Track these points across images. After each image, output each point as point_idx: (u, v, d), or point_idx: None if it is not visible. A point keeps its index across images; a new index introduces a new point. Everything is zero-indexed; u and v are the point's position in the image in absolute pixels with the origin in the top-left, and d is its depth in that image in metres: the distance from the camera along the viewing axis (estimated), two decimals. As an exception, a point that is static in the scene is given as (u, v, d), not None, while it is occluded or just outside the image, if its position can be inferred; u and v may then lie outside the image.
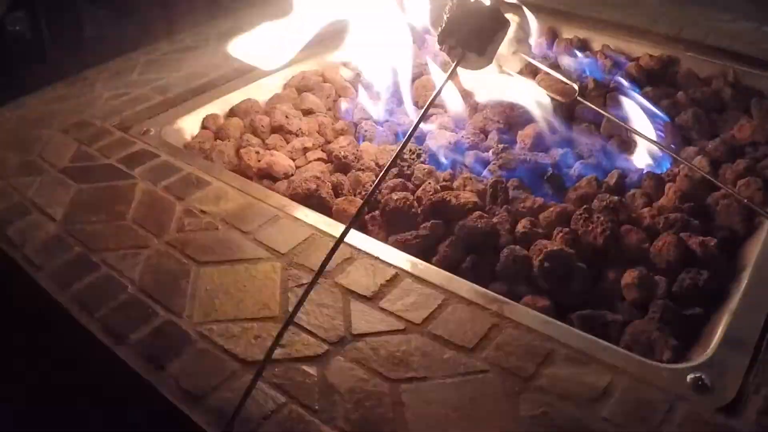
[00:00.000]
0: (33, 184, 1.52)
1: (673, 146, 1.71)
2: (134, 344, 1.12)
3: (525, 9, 2.01)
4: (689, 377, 1.04)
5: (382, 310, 1.16)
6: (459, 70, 1.44)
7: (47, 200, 1.47)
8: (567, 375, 1.05)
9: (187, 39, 2.24)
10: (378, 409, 1.00)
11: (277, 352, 1.08)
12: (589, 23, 2.30)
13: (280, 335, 1.05)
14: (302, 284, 1.21)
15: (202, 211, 1.41)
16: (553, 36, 2.29)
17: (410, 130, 1.28)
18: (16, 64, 2.88)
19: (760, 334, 1.12)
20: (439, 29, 1.40)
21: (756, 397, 1.02)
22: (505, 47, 1.47)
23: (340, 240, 1.14)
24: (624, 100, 1.82)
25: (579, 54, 2.12)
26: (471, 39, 1.37)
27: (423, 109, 1.32)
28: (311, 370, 1.06)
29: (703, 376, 1.04)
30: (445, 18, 1.41)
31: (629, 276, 1.28)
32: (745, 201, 1.41)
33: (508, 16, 1.45)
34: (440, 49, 1.44)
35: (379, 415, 1.00)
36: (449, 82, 1.40)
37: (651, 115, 1.80)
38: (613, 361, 1.07)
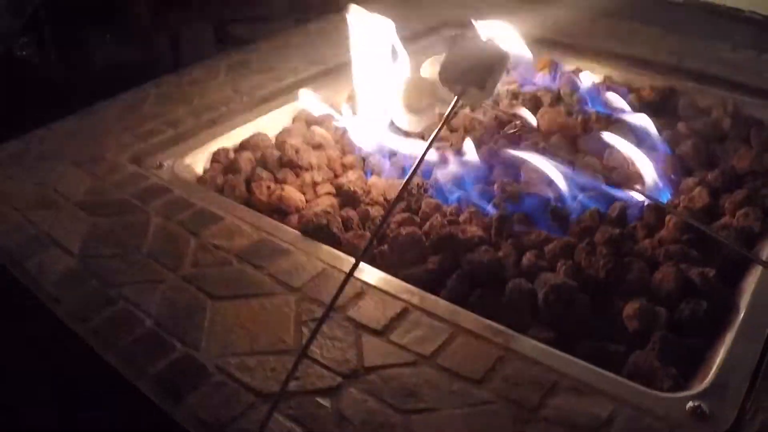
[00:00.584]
0: (49, 217, 1.55)
1: (674, 177, 1.74)
2: (153, 376, 1.15)
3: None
4: (688, 405, 1.07)
5: (393, 343, 1.19)
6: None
7: (64, 234, 1.49)
8: (571, 405, 1.07)
9: (195, 71, 2.27)
10: (390, 440, 1.03)
11: (292, 385, 1.11)
12: (592, 55, 2.33)
13: (294, 368, 1.09)
14: (315, 318, 1.24)
15: (216, 246, 1.43)
16: (555, 68, 2.31)
17: (415, 164, 1.32)
18: (25, 90, 2.92)
19: (757, 363, 1.15)
20: (442, 66, 1.45)
21: (753, 423, 1.05)
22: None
23: (349, 275, 1.18)
24: (625, 132, 1.86)
25: (581, 85, 2.15)
26: (471, 75, 1.42)
27: (428, 143, 1.36)
28: (325, 402, 1.09)
29: (701, 405, 1.07)
30: (446, 56, 1.45)
31: (630, 307, 1.30)
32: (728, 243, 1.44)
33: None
34: (443, 86, 1.48)
35: (392, 446, 1.03)
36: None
37: (652, 147, 1.84)
38: (615, 391, 1.10)
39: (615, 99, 2.07)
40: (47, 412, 1.51)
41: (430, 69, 1.70)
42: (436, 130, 1.37)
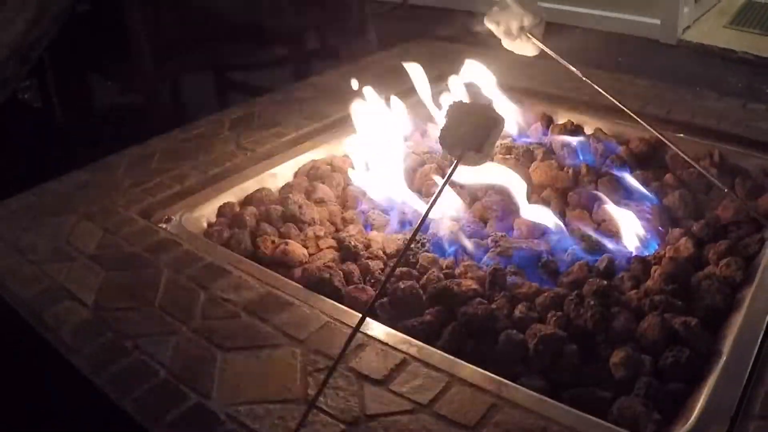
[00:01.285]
0: (63, 269, 1.60)
1: (660, 229, 1.81)
2: (169, 424, 1.20)
3: None
4: (670, 449, 1.13)
5: (393, 392, 1.25)
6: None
7: (78, 286, 1.55)
8: (559, 450, 1.14)
9: (201, 126, 2.33)
10: (391, 484, 1.09)
11: (299, 432, 1.17)
12: (583, 107, 2.39)
13: (304, 417, 1.16)
14: (320, 369, 1.30)
15: (225, 299, 1.49)
16: (548, 121, 2.38)
17: (416, 227, 1.39)
18: (28, 134, 2.97)
19: (737, 406, 1.20)
20: (441, 131, 1.51)
21: None
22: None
23: (356, 330, 1.25)
24: (614, 184, 1.93)
25: (573, 139, 2.21)
26: (468, 138, 1.49)
27: (430, 204, 1.42)
28: (330, 448, 1.15)
29: (683, 449, 1.13)
30: (444, 120, 1.52)
31: (617, 356, 1.36)
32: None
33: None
34: (442, 150, 1.55)
35: (394, 490, 1.09)
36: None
37: (640, 198, 1.90)
38: (601, 436, 1.16)
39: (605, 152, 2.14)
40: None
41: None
42: (438, 191, 1.43)
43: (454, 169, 1.47)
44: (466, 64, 2.31)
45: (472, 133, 1.48)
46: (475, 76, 2.30)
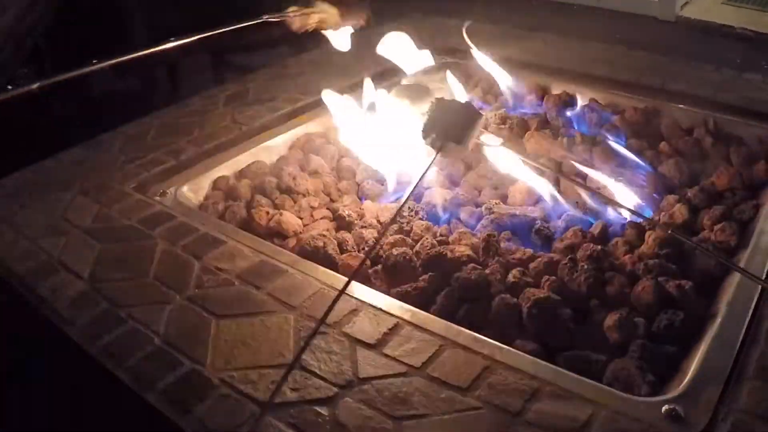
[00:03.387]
0: (59, 244, 1.60)
1: (655, 196, 1.81)
2: (162, 390, 1.21)
3: None
4: (664, 408, 1.13)
5: (386, 355, 1.25)
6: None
7: (74, 259, 1.55)
8: (551, 409, 1.14)
9: (195, 102, 2.33)
10: (383, 444, 1.10)
11: (291, 395, 1.17)
12: (578, 79, 2.39)
13: (286, 375, 1.17)
14: (311, 332, 1.31)
15: (219, 269, 1.49)
16: (543, 92, 2.38)
17: (407, 194, 1.39)
18: (25, 120, 2.96)
19: (731, 369, 1.20)
20: (423, 125, 1.53)
21: (724, 424, 1.10)
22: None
23: (341, 292, 1.25)
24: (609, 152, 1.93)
25: (568, 109, 2.22)
26: (449, 131, 1.50)
27: (418, 179, 1.43)
28: (323, 410, 1.15)
29: (677, 408, 1.13)
30: (426, 115, 1.54)
31: (611, 319, 1.37)
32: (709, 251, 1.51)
33: None
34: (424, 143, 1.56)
35: (385, 449, 1.09)
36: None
37: (635, 166, 1.90)
38: (594, 396, 1.16)
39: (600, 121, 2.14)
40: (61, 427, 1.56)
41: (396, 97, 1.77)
42: (422, 173, 1.45)
43: (434, 160, 1.48)
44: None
45: (452, 127, 1.50)
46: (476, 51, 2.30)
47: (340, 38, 1.99)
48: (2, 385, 1.64)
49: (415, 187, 1.47)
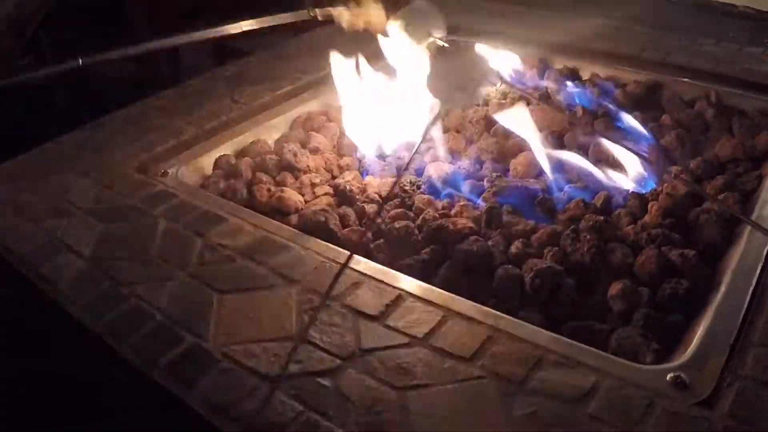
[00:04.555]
0: (61, 225, 1.60)
1: (659, 165, 1.80)
2: (165, 366, 1.21)
3: None
4: (669, 376, 1.13)
5: (388, 327, 1.25)
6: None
7: (76, 240, 1.54)
8: (555, 378, 1.14)
9: (195, 83, 2.33)
10: (386, 413, 1.09)
11: (294, 368, 1.18)
12: (580, 54, 2.40)
13: (293, 351, 1.16)
14: (315, 307, 1.30)
15: (221, 245, 1.49)
16: (544, 66, 2.38)
17: (407, 161, 1.39)
18: (28, 107, 2.96)
19: (735, 336, 1.20)
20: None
21: (729, 391, 1.10)
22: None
23: (344, 266, 1.25)
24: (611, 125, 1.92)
25: (569, 83, 2.22)
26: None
27: (418, 143, 1.43)
28: (326, 381, 1.15)
29: (682, 375, 1.13)
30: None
31: (614, 288, 1.37)
32: (726, 208, 1.51)
33: None
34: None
35: (388, 418, 1.09)
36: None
37: (638, 138, 1.90)
38: (598, 365, 1.16)
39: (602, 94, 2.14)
40: (64, 406, 1.56)
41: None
42: (424, 132, 1.45)
43: (437, 115, 1.49)
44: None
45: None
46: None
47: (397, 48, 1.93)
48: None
49: (417, 148, 1.46)
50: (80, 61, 1.59)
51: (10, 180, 1.80)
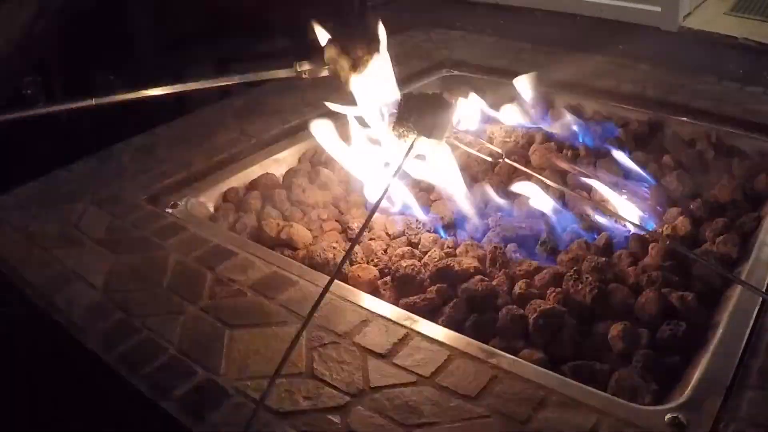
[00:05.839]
0: (73, 254, 1.62)
1: (658, 208, 1.83)
2: (178, 399, 1.23)
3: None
4: (667, 417, 1.16)
5: (396, 365, 1.28)
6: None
7: (87, 270, 1.57)
8: (558, 418, 1.16)
9: (204, 114, 2.36)
10: (394, 451, 1.13)
11: (305, 404, 1.20)
12: (583, 91, 2.42)
13: (282, 363, 1.19)
14: (324, 344, 1.33)
15: (231, 280, 1.52)
16: (548, 104, 2.41)
17: (383, 192, 1.42)
18: (32, 129, 2.97)
19: (732, 378, 1.23)
20: (393, 119, 1.56)
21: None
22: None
23: (325, 290, 1.28)
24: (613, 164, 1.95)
25: (571, 121, 2.24)
26: (420, 124, 1.53)
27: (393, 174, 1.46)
28: (335, 418, 1.17)
29: (679, 416, 1.15)
30: (397, 108, 1.56)
31: (615, 329, 1.40)
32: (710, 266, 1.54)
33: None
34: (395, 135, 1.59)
35: (396, 456, 1.12)
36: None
37: (638, 179, 1.93)
38: (599, 405, 1.19)
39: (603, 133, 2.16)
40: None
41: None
42: (398, 166, 1.47)
43: (408, 153, 1.51)
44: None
45: (423, 119, 1.52)
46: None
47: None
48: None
49: (393, 176, 1.50)
50: (93, 101, 1.61)
51: (22, 206, 1.82)
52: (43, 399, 1.63)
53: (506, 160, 1.70)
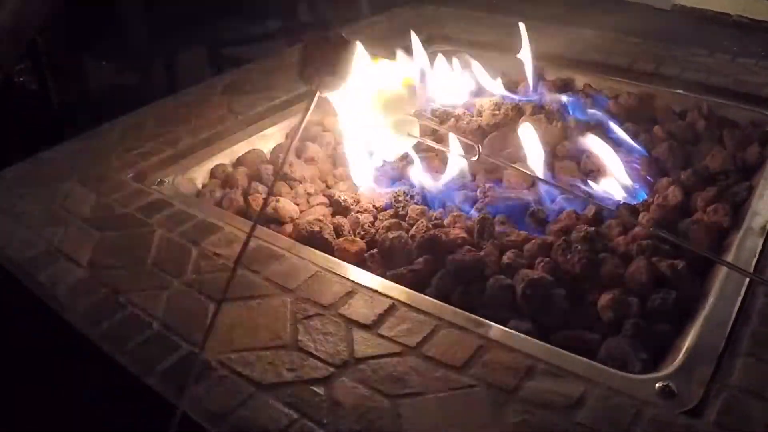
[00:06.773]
0: (58, 233, 1.61)
1: (649, 179, 1.82)
2: (161, 373, 1.22)
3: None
4: (657, 385, 1.15)
5: (381, 336, 1.27)
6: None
7: (73, 248, 1.56)
8: (545, 387, 1.15)
9: (192, 93, 2.34)
10: (379, 421, 1.11)
11: (288, 376, 1.19)
12: (573, 65, 2.42)
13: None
14: (310, 316, 1.32)
15: (216, 254, 1.51)
16: (537, 77, 2.37)
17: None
18: (26, 116, 2.96)
19: (723, 346, 1.22)
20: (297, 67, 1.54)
21: (717, 400, 1.12)
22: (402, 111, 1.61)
23: (250, 235, 1.27)
24: (603, 136, 1.93)
25: (562, 94, 2.23)
26: (322, 66, 1.51)
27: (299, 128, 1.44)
28: (319, 390, 1.16)
29: (670, 384, 1.15)
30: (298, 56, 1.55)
31: (604, 299, 1.39)
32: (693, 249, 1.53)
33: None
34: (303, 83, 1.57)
35: (381, 426, 1.10)
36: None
37: (629, 150, 1.91)
38: (588, 374, 1.18)
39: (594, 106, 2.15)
40: (60, 411, 1.56)
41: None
42: (302, 122, 1.45)
43: (314, 100, 1.49)
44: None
45: (324, 61, 1.50)
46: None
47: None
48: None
49: (297, 133, 1.47)
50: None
51: (8, 187, 1.81)
52: (24, 377, 1.62)
53: (482, 155, 1.67)
